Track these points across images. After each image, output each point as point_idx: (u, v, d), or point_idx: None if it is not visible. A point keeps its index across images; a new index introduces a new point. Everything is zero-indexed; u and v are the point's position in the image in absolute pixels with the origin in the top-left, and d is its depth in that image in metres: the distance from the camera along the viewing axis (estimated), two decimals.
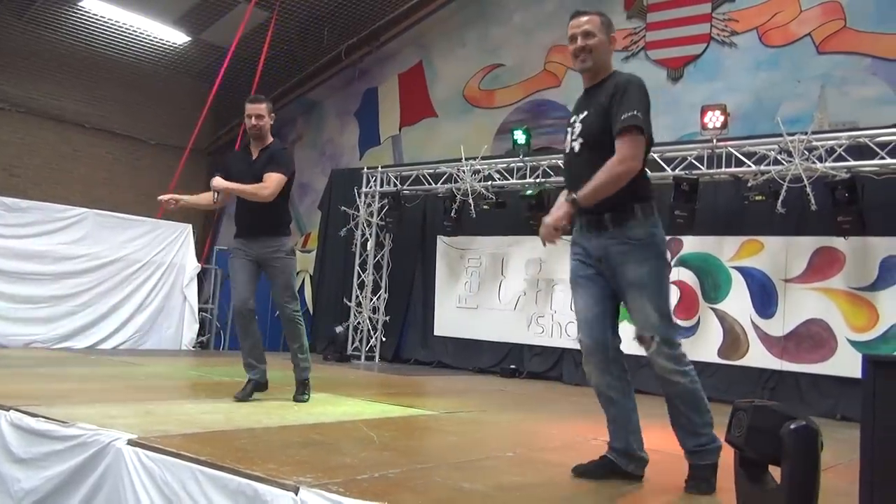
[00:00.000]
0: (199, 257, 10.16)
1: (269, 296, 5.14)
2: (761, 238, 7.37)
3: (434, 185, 9.45)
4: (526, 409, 6.01)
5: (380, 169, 10.16)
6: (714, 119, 7.27)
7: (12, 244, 7.89)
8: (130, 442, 3.02)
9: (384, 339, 9.93)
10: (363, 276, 10.06)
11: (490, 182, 8.89)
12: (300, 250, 11.59)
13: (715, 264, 7.62)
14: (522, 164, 8.68)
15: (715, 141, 7.34)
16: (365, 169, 10.32)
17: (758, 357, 7.23)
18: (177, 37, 11.36)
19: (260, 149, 4.85)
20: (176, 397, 5.02)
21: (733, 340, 7.40)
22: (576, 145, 3.19)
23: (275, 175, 4.67)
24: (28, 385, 4.82)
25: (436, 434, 4.43)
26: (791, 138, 6.88)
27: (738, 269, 7.48)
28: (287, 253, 4.86)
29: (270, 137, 4.91)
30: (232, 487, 2.62)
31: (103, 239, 8.63)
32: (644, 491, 3.06)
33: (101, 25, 10.95)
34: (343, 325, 9.93)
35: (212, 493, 2.66)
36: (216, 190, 4.70)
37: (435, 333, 9.70)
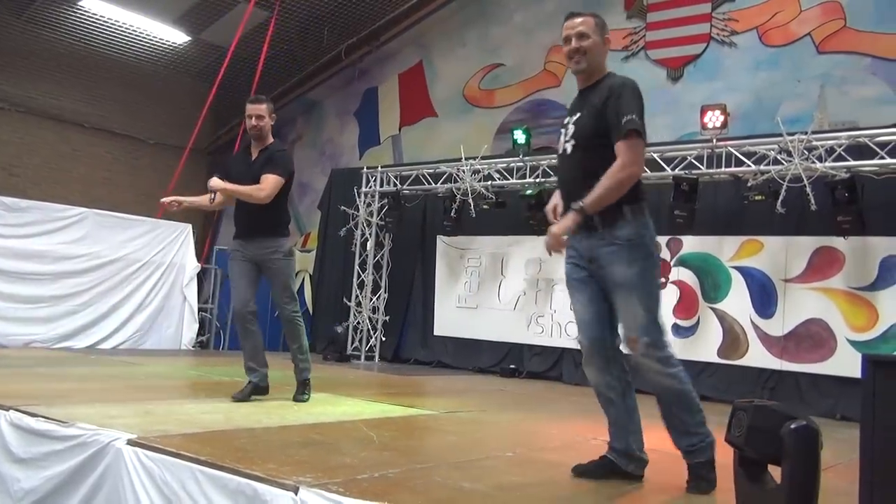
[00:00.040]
0: (199, 257, 10.16)
1: (270, 296, 5.14)
2: (761, 238, 7.38)
3: (434, 185, 9.45)
4: (526, 409, 6.02)
5: (379, 169, 10.16)
6: (714, 119, 7.27)
7: (12, 244, 7.88)
8: (130, 442, 3.02)
9: (384, 339, 9.92)
10: (363, 276, 10.06)
11: (490, 182, 8.89)
12: (300, 250, 11.59)
13: (715, 264, 7.62)
14: (522, 164, 8.67)
15: (715, 141, 7.34)
16: (365, 169, 10.31)
17: (757, 357, 7.24)
18: (176, 36, 11.36)
19: (260, 150, 4.84)
20: (176, 397, 5.02)
21: (733, 340, 7.41)
22: (568, 147, 3.19)
23: (271, 177, 4.65)
24: (28, 385, 4.82)
25: (436, 434, 4.43)
26: (791, 138, 6.89)
27: (738, 269, 7.48)
28: (285, 254, 4.83)
29: (271, 138, 4.90)
30: (232, 487, 2.62)
31: (103, 238, 8.62)
32: (644, 491, 3.06)
33: (101, 25, 10.95)
34: (342, 325, 9.93)
35: (211, 493, 2.66)
36: (212, 190, 4.69)
37: (435, 333, 9.70)
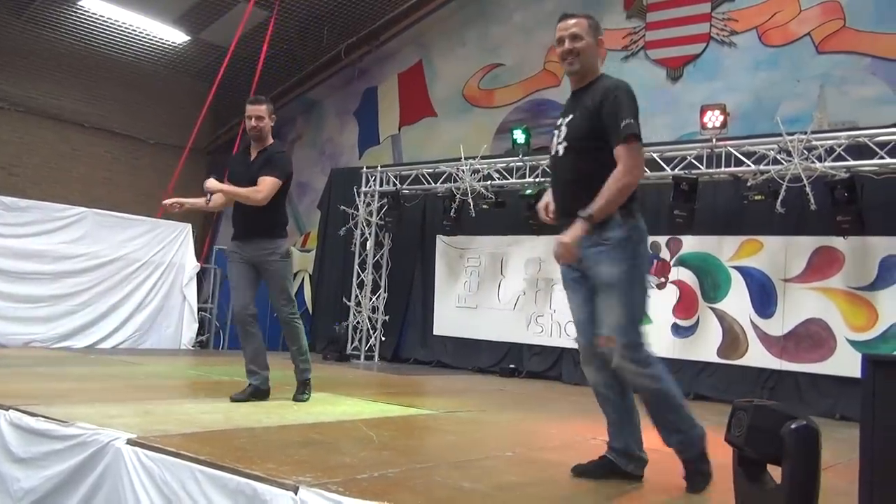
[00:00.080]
0: (199, 257, 10.16)
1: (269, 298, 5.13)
2: (761, 238, 7.38)
3: (433, 185, 9.44)
4: (525, 409, 6.02)
5: (379, 168, 10.16)
6: (713, 119, 7.27)
7: (11, 243, 7.88)
8: (130, 441, 3.02)
9: (383, 339, 9.92)
10: (362, 276, 10.06)
11: (489, 181, 8.88)
12: (300, 249, 11.59)
13: (714, 264, 7.62)
14: (522, 164, 8.67)
15: (714, 140, 7.34)
16: (364, 168, 10.31)
17: (757, 357, 7.24)
18: (176, 36, 11.36)
19: (259, 151, 4.82)
20: (175, 397, 5.02)
21: (732, 340, 7.41)
22: (560, 149, 3.19)
23: (269, 179, 4.63)
24: (27, 384, 4.81)
25: (435, 433, 4.43)
26: (790, 138, 6.89)
27: (738, 269, 7.48)
28: (282, 255, 4.81)
29: (271, 139, 4.88)
30: (231, 487, 2.62)
31: (102, 238, 8.62)
32: (643, 491, 3.06)
33: (101, 24, 10.94)
34: (341, 325, 9.91)
35: (211, 493, 2.66)
36: (208, 191, 4.67)
37: (434, 333, 9.70)
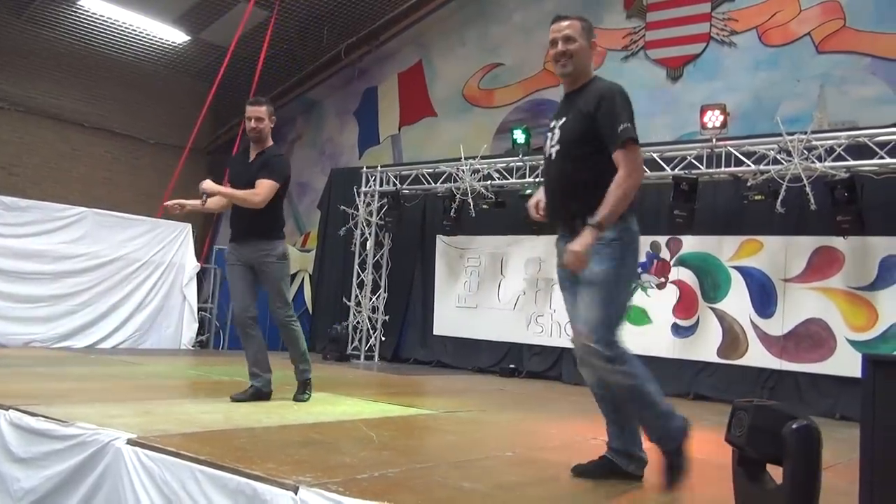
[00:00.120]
0: (199, 256, 10.16)
1: None
2: (761, 238, 7.38)
3: (433, 185, 9.44)
4: (525, 409, 6.02)
5: (379, 168, 10.16)
6: (713, 118, 7.26)
7: (11, 243, 7.88)
8: (130, 441, 3.02)
9: (383, 339, 9.92)
10: (362, 276, 10.06)
11: (489, 181, 8.89)
12: (300, 249, 11.58)
13: (714, 264, 7.62)
14: (522, 164, 8.67)
15: (714, 140, 7.33)
16: (364, 168, 10.31)
17: (757, 356, 7.24)
18: (176, 36, 11.36)
19: (257, 152, 4.81)
20: (175, 397, 5.02)
21: (732, 340, 7.41)
22: (553, 152, 3.19)
23: (266, 182, 4.63)
24: (27, 384, 4.81)
25: (435, 433, 4.43)
26: (790, 138, 6.89)
27: (738, 269, 7.48)
28: (278, 257, 4.79)
29: (270, 141, 4.86)
30: (231, 487, 2.62)
31: (102, 238, 8.62)
32: (644, 491, 3.06)
33: (100, 24, 10.94)
34: (341, 325, 9.90)
35: (211, 493, 2.66)
36: (203, 192, 4.66)
37: (434, 333, 9.70)
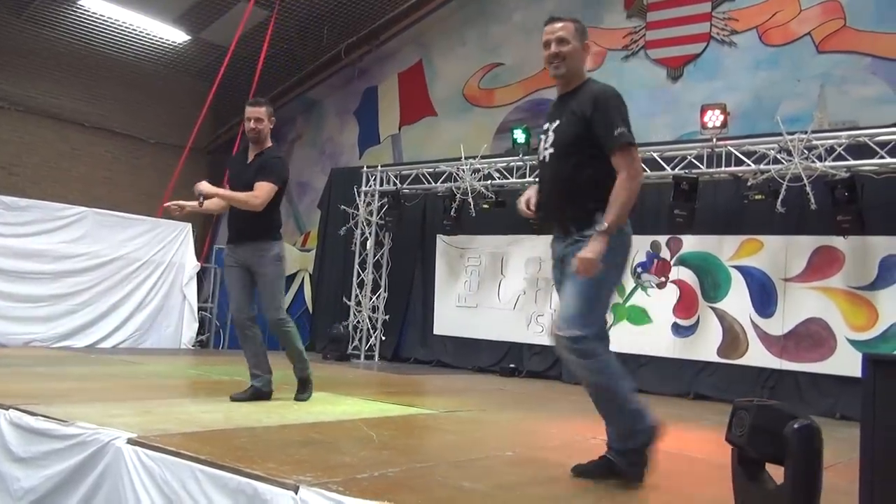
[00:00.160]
0: (199, 256, 10.16)
1: None
2: (761, 237, 7.38)
3: (434, 184, 9.44)
4: (525, 408, 6.02)
5: (379, 168, 10.16)
6: (714, 118, 7.26)
7: (11, 243, 7.89)
8: (130, 441, 3.02)
9: (384, 338, 9.92)
10: (363, 275, 10.06)
11: (490, 181, 8.88)
12: (300, 249, 11.57)
13: (714, 263, 7.62)
14: (522, 164, 8.66)
15: (715, 140, 7.33)
16: (364, 168, 10.31)
17: (757, 356, 7.24)
18: (176, 35, 11.35)
19: (256, 153, 4.80)
20: (175, 396, 5.03)
21: (733, 339, 7.41)
22: (547, 154, 3.19)
23: (265, 184, 4.62)
24: (27, 384, 4.82)
25: (435, 433, 4.43)
26: (791, 137, 6.88)
27: (738, 269, 7.48)
28: (274, 258, 4.77)
29: (269, 142, 4.85)
30: (232, 486, 2.62)
31: (103, 238, 8.62)
32: (643, 491, 3.06)
33: (100, 24, 10.94)
34: (341, 325, 9.89)
35: (211, 492, 2.66)
36: (199, 193, 4.64)
37: (434, 332, 9.70)
